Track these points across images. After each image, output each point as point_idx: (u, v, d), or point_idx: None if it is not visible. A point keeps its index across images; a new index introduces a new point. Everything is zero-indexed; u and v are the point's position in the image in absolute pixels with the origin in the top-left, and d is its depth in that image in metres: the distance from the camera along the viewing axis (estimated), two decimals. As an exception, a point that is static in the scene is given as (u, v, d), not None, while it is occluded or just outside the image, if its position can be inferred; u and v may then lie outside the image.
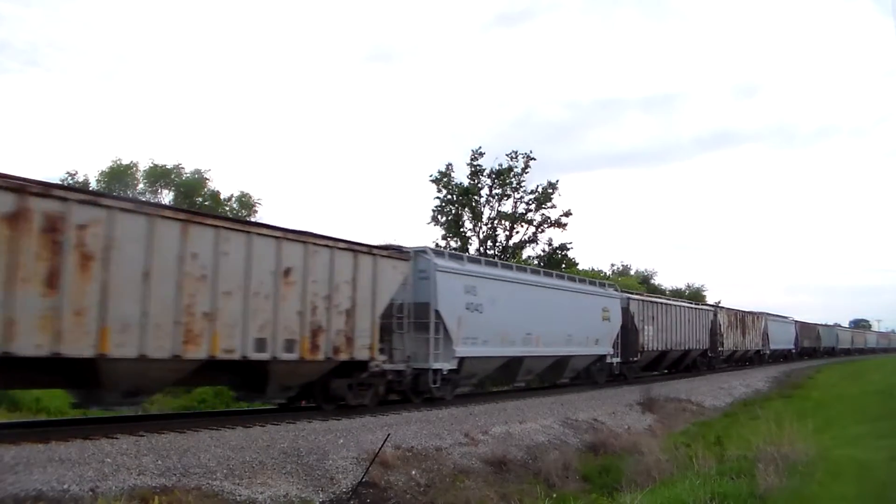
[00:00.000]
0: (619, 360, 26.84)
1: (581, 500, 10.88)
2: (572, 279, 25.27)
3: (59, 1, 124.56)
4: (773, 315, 52.41)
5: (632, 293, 30.51)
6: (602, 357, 25.76)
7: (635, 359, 28.49)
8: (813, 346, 64.74)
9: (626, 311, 27.46)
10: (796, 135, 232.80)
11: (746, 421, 18.33)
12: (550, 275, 24.37)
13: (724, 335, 38.42)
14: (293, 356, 13.41)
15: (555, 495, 10.47)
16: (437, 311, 17.03)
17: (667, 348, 31.55)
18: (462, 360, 17.93)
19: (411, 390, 17.15)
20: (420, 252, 17.43)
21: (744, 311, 43.80)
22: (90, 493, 7.99)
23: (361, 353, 14.98)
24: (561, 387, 24.37)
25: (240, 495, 9.03)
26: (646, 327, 29.26)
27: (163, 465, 9.27)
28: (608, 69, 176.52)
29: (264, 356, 12.89)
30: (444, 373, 17.32)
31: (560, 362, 23.27)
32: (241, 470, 9.70)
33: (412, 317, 16.85)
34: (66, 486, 8.00)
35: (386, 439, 11.26)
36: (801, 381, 36.51)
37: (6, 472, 8.08)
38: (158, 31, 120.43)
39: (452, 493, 10.79)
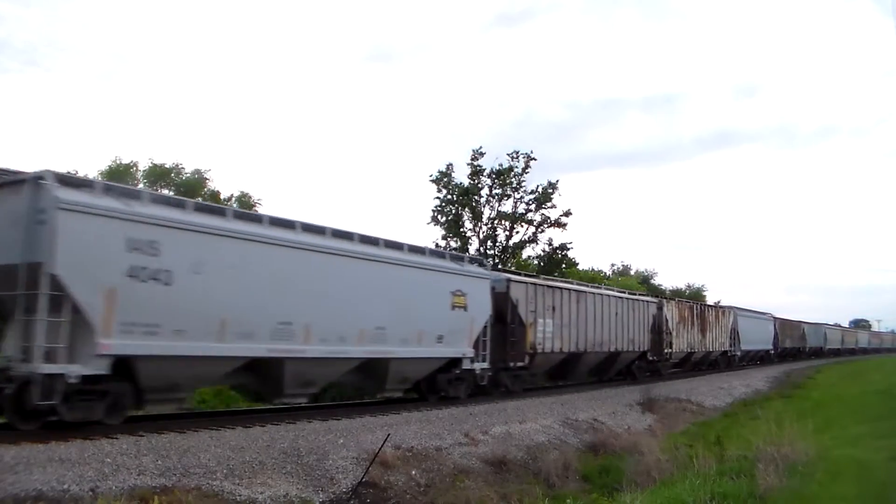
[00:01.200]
0: (485, 365, 19.12)
1: (581, 500, 10.88)
2: (396, 246, 16.62)
3: (58, 1, 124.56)
4: (746, 310, 45.73)
5: (517, 274, 23.25)
6: (455, 361, 18.13)
7: (521, 363, 20.94)
8: (797, 346, 59.24)
9: (503, 298, 20.24)
10: (797, 135, 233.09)
11: (746, 421, 18.39)
12: (350, 237, 15.35)
13: (674, 333, 31.62)
14: None
15: (559, 500, 10.46)
16: (53, 277, 10.18)
17: (577, 349, 23.87)
18: (128, 360, 11.12)
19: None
20: (34, 179, 10.70)
21: (704, 305, 39.66)
22: (90, 493, 7.99)
23: None
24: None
25: (240, 495, 9.04)
26: (540, 321, 21.61)
27: (163, 465, 9.27)
28: (609, 69, 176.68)
29: None
30: (72, 381, 10.35)
31: (371, 368, 15.72)
32: (241, 470, 9.70)
33: (21, 287, 10.42)
34: (66, 486, 8.00)
35: (386, 439, 11.26)
36: (800, 381, 36.55)
37: (6, 472, 8.08)
38: (158, 30, 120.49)
39: (452, 493, 10.79)
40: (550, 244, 42.95)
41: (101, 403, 11.04)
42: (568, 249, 43.41)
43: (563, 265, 42.47)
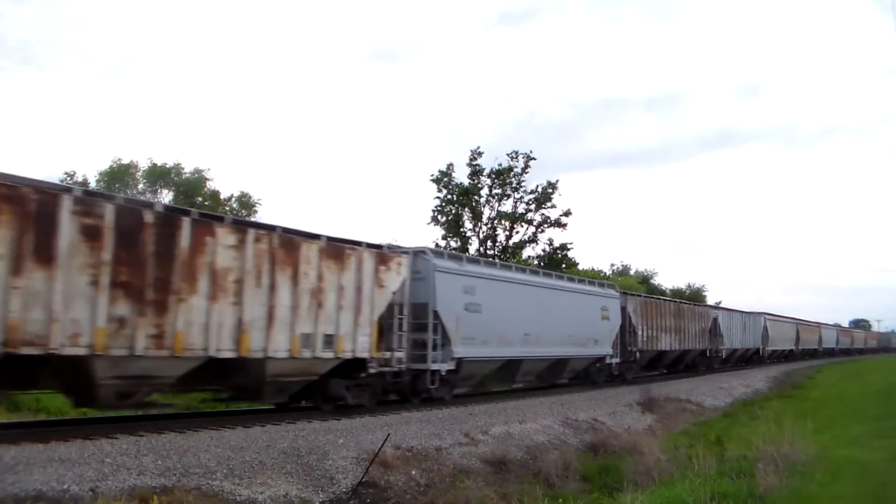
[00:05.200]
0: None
1: (581, 500, 10.88)
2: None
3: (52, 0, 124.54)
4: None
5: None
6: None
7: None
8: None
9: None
10: (799, 135, 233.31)
11: (746, 421, 18.41)
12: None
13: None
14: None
15: (558, 500, 10.46)
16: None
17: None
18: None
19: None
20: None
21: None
22: (90, 493, 7.99)
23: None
24: (560, 387, 24.14)
25: (240, 495, 9.04)
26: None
27: (163, 465, 9.27)
28: (611, 69, 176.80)
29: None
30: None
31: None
32: (241, 470, 9.70)
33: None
34: (66, 486, 8.01)
35: (386, 439, 11.27)
36: (800, 381, 36.55)
37: (6, 472, 8.08)
38: (158, 29, 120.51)
39: (452, 493, 10.79)
40: (550, 244, 43.03)
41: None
42: (568, 249, 43.49)
43: (563, 265, 42.47)
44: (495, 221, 42.14)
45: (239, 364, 12.60)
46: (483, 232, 41.91)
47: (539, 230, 42.53)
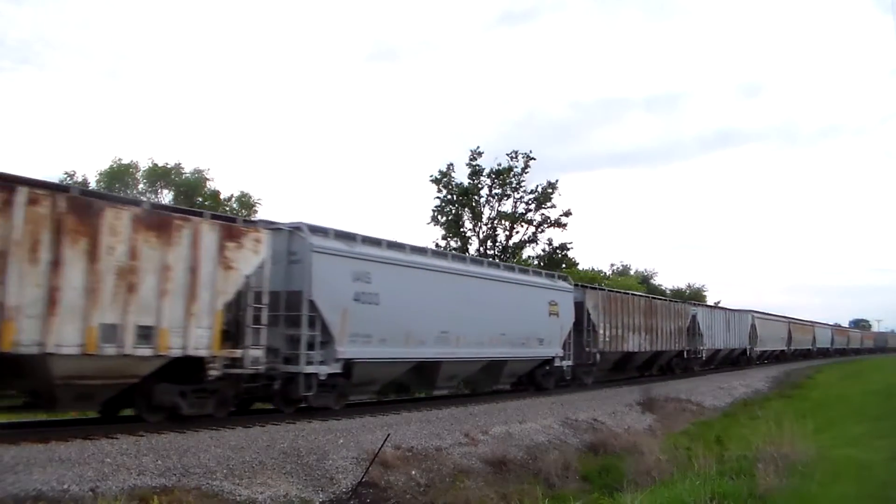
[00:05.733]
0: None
1: (581, 500, 10.88)
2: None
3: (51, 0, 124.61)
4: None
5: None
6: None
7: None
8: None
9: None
10: (799, 134, 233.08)
11: (746, 421, 18.43)
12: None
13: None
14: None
15: (559, 500, 10.47)
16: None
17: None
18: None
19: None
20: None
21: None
22: (90, 493, 8.00)
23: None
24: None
25: (240, 495, 9.04)
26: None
27: (163, 465, 9.27)
28: (612, 68, 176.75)
29: None
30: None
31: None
32: (241, 470, 9.70)
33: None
34: (66, 486, 8.01)
35: (386, 439, 11.26)
36: (800, 381, 36.57)
37: (6, 472, 8.08)
38: (158, 29, 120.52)
39: (452, 493, 10.79)
40: (550, 244, 43.04)
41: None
42: (568, 249, 43.52)
43: (563, 265, 42.48)
44: (495, 221, 42.17)
45: (11, 362, 9.81)
46: (483, 232, 41.94)
47: (539, 230, 42.57)
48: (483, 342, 18.65)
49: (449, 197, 41.72)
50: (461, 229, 41.77)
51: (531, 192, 42.23)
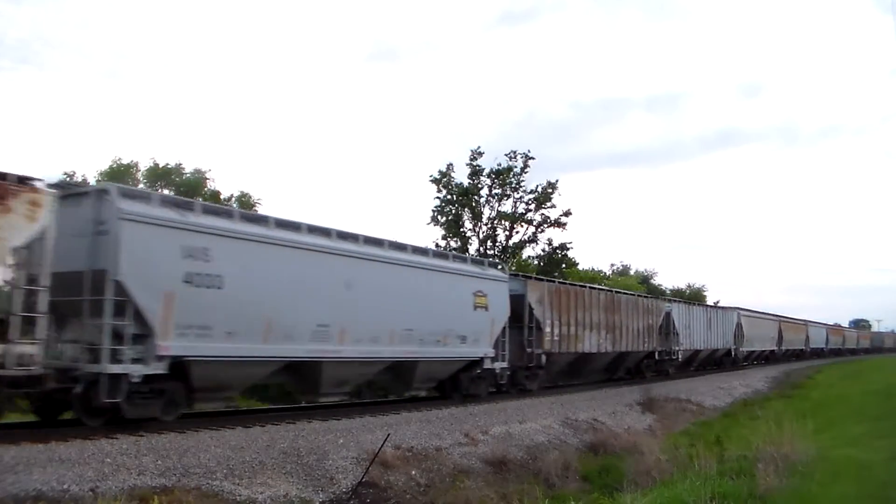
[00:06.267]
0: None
1: (581, 500, 10.88)
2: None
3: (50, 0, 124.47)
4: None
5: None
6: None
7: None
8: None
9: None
10: (800, 134, 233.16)
11: (746, 421, 18.43)
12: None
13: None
14: None
15: (559, 500, 10.47)
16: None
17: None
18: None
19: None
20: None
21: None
22: (90, 493, 8.00)
23: None
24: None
25: (240, 495, 9.04)
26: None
27: (163, 465, 9.27)
28: (612, 68, 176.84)
29: None
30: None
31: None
32: (241, 470, 9.70)
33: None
34: (66, 486, 8.01)
35: (386, 439, 11.26)
36: (800, 381, 36.55)
37: (6, 472, 8.08)
38: (158, 29, 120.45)
39: (452, 493, 10.79)
40: (550, 244, 43.02)
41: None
42: (568, 249, 43.48)
43: (563, 265, 42.46)
44: (495, 221, 42.13)
45: None
46: (483, 232, 41.91)
47: (539, 230, 42.54)
48: (380, 339, 15.39)
49: (449, 197, 41.71)
50: (461, 229, 41.76)
51: (531, 192, 42.23)
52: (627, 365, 28.94)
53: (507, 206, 42.22)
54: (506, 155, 42.26)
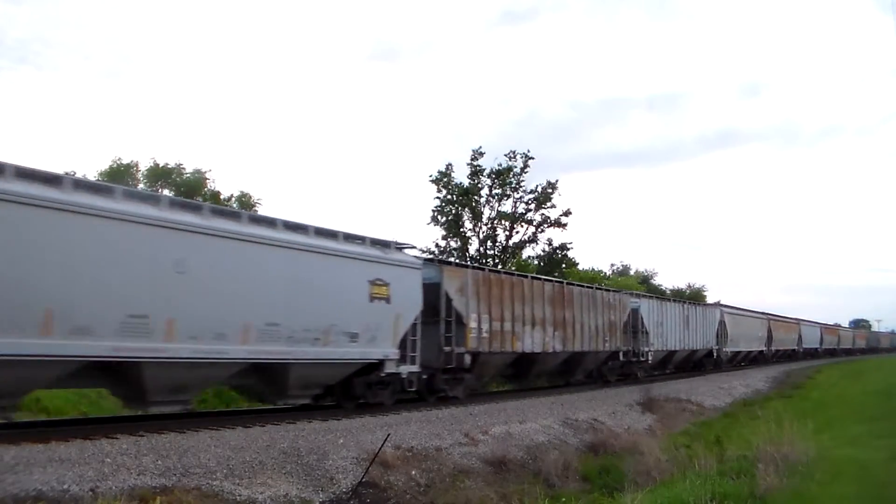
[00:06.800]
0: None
1: (581, 500, 10.89)
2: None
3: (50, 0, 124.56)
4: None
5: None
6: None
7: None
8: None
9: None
10: (800, 134, 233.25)
11: (746, 421, 18.41)
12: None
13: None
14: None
15: (558, 500, 10.47)
16: None
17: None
18: None
19: None
20: None
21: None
22: (90, 493, 7.99)
23: None
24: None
25: (240, 495, 9.04)
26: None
27: (163, 465, 9.27)
28: (613, 68, 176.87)
29: None
30: None
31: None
32: (241, 470, 9.70)
33: None
34: (66, 486, 8.01)
35: (386, 439, 11.27)
36: (801, 381, 36.54)
37: (6, 472, 8.08)
38: (159, 29, 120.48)
39: (452, 493, 10.80)
40: (550, 244, 43.04)
41: None
42: (568, 249, 43.53)
43: (563, 265, 42.48)
44: (495, 221, 42.15)
45: None
46: (483, 232, 41.92)
47: (539, 230, 42.56)
48: (228, 336, 12.26)
49: (449, 197, 41.73)
50: (461, 229, 41.79)
51: (531, 192, 42.26)
52: (586, 367, 25.44)
53: (507, 206, 42.27)
54: (506, 155, 42.32)
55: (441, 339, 17.39)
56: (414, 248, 17.72)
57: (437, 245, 41.31)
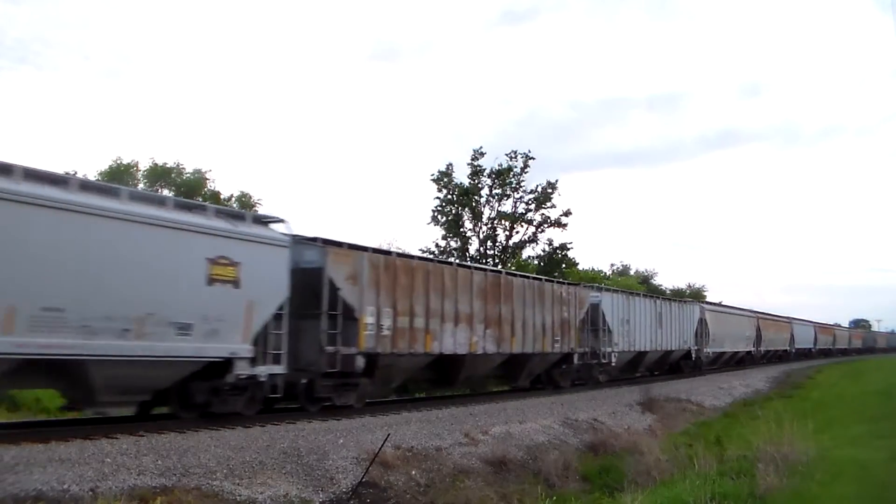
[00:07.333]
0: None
1: (581, 500, 10.89)
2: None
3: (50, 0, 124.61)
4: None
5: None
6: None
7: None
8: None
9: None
10: (800, 134, 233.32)
11: (746, 421, 18.41)
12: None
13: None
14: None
15: (555, 497, 10.47)
16: None
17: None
18: None
19: None
20: None
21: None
22: (90, 493, 8.00)
23: None
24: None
25: (240, 495, 9.04)
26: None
27: (163, 465, 9.27)
28: (613, 68, 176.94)
29: None
30: None
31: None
32: (241, 470, 9.70)
33: None
34: (66, 486, 8.01)
35: (386, 439, 11.27)
36: (801, 381, 36.54)
37: (6, 472, 8.08)
38: (159, 29, 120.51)
39: (452, 493, 10.80)
40: (550, 244, 43.04)
41: None
42: (568, 249, 43.51)
43: (563, 265, 42.46)
44: (495, 221, 42.15)
45: None
46: (483, 232, 41.92)
47: (539, 230, 42.56)
48: None
49: (449, 197, 41.74)
50: (461, 229, 41.78)
51: (531, 192, 42.26)
52: (531, 371, 22.02)
53: (507, 206, 42.26)
54: (506, 155, 42.33)
55: (322, 337, 14.27)
56: (283, 222, 14.26)
57: (437, 245, 41.32)
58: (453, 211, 41.74)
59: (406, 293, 16.29)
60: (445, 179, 41.61)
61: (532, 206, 42.24)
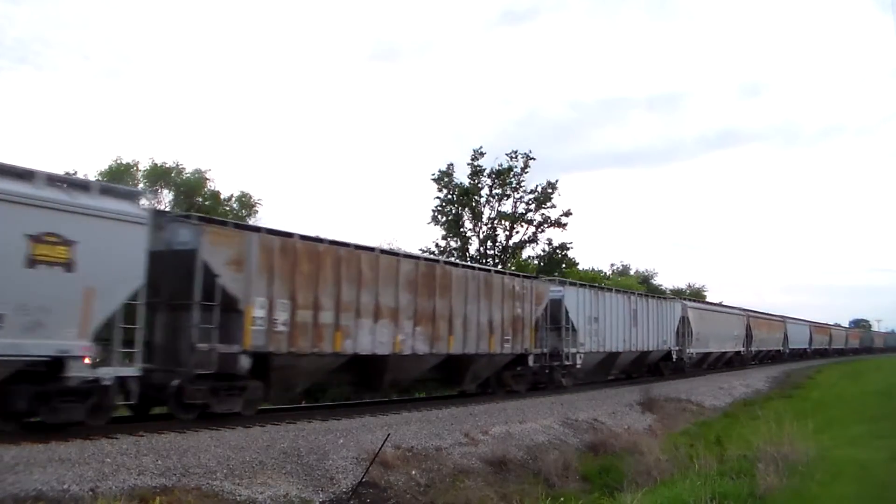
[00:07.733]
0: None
1: (581, 500, 10.89)
2: None
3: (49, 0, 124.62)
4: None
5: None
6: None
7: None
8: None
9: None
10: (800, 134, 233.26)
11: (746, 421, 18.41)
12: None
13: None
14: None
15: (558, 500, 10.47)
16: None
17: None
18: None
19: None
20: None
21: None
22: (90, 493, 8.00)
23: None
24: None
25: (240, 495, 9.04)
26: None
27: (163, 465, 9.27)
28: (613, 68, 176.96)
29: None
30: None
31: None
32: (241, 470, 9.70)
33: None
34: (66, 486, 8.01)
35: (386, 439, 11.27)
36: (801, 381, 36.53)
37: (6, 472, 8.08)
38: (159, 29, 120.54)
39: (452, 493, 10.80)
40: (550, 244, 43.06)
41: None
42: (568, 249, 43.56)
43: (563, 265, 42.49)
44: (495, 221, 42.20)
45: None
46: (483, 232, 41.96)
47: (539, 230, 42.61)
48: None
49: (449, 197, 41.77)
50: (461, 229, 41.82)
51: (531, 192, 42.29)
52: (477, 374, 19.50)
53: (507, 206, 42.31)
54: (506, 155, 42.38)
55: (193, 332, 12.18)
56: (139, 195, 12.41)
57: (437, 245, 41.36)
58: (453, 211, 41.78)
59: (310, 283, 13.92)
60: (446, 179, 41.66)
61: (532, 206, 42.31)
